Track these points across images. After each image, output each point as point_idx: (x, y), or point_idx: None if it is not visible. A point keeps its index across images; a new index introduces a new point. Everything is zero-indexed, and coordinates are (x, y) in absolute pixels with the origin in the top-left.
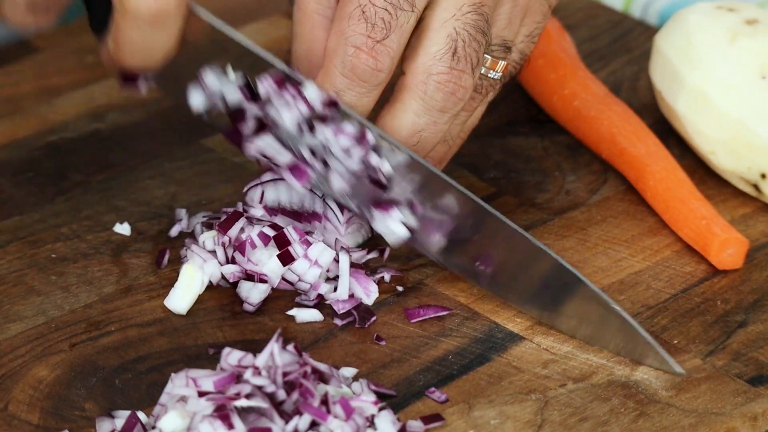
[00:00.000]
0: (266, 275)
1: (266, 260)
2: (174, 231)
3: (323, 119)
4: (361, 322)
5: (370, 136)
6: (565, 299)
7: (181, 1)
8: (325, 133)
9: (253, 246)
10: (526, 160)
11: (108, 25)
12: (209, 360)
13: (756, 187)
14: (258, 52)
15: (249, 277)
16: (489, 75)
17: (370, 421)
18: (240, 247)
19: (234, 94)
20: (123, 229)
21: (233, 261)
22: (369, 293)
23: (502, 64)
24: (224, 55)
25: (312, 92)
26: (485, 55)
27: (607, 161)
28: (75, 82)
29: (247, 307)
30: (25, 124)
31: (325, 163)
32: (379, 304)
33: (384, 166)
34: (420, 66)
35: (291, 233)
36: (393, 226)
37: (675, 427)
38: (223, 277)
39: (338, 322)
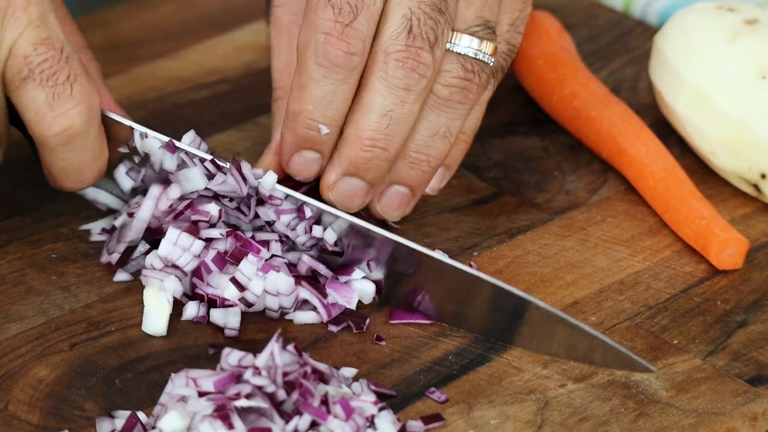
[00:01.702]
0: (228, 299)
1: (225, 284)
2: (104, 259)
3: (262, 202)
4: (358, 328)
5: (308, 211)
6: (520, 322)
7: (90, 116)
8: (267, 213)
9: (209, 270)
10: (526, 160)
11: None
12: (209, 360)
13: (756, 187)
14: (184, 147)
15: (212, 301)
16: (478, 57)
17: (370, 421)
18: (197, 272)
19: (163, 156)
20: None
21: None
22: (349, 299)
23: (489, 44)
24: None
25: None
26: (471, 37)
27: (607, 161)
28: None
29: (229, 332)
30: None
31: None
32: (379, 304)
33: (327, 236)
34: (379, 47)
35: (250, 262)
36: (360, 285)
37: (675, 427)
38: (185, 294)
39: (333, 328)
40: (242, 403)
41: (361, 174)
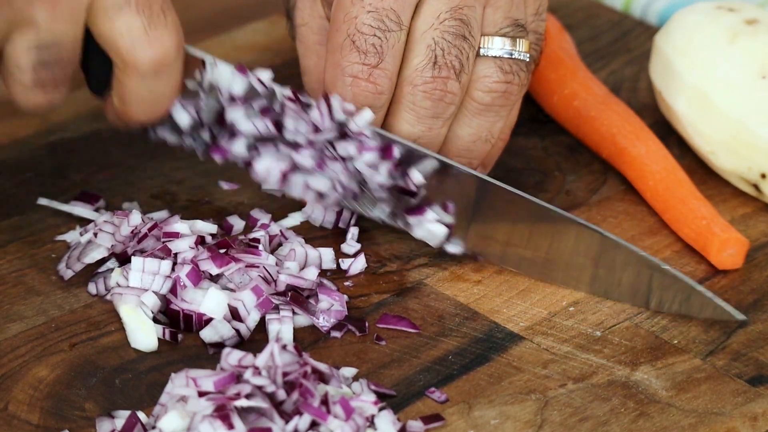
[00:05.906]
0: (206, 314)
1: (200, 299)
2: (60, 269)
3: (347, 136)
4: (361, 331)
5: (396, 151)
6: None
7: (180, 46)
8: (348, 149)
9: (183, 286)
10: (526, 160)
11: (108, 84)
12: (209, 360)
13: (756, 187)
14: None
15: (187, 317)
16: (514, 56)
17: (370, 421)
18: (171, 289)
19: (232, 81)
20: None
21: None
22: (341, 303)
23: (523, 42)
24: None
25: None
26: (503, 38)
27: (607, 161)
28: (75, 83)
29: (228, 341)
30: (25, 124)
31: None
32: (379, 304)
33: (414, 175)
34: (406, 79)
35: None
36: (431, 227)
37: (675, 427)
38: (160, 310)
39: (336, 334)
40: (242, 403)
41: None
